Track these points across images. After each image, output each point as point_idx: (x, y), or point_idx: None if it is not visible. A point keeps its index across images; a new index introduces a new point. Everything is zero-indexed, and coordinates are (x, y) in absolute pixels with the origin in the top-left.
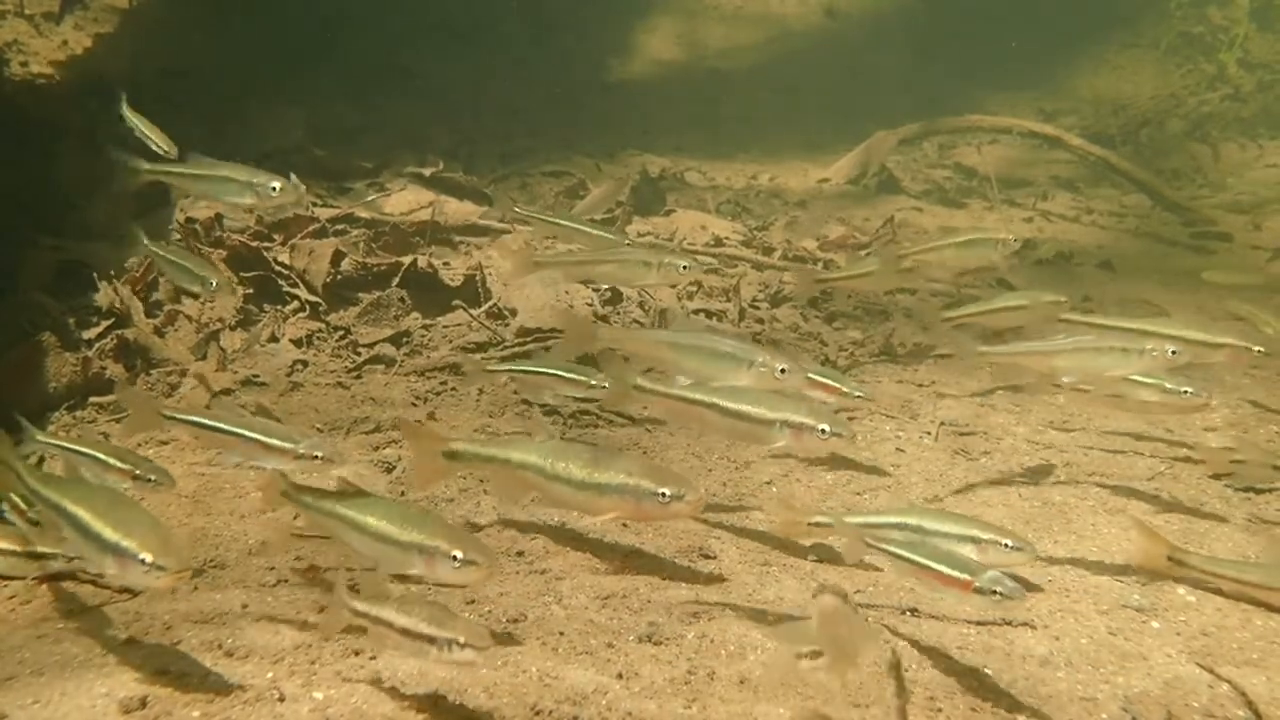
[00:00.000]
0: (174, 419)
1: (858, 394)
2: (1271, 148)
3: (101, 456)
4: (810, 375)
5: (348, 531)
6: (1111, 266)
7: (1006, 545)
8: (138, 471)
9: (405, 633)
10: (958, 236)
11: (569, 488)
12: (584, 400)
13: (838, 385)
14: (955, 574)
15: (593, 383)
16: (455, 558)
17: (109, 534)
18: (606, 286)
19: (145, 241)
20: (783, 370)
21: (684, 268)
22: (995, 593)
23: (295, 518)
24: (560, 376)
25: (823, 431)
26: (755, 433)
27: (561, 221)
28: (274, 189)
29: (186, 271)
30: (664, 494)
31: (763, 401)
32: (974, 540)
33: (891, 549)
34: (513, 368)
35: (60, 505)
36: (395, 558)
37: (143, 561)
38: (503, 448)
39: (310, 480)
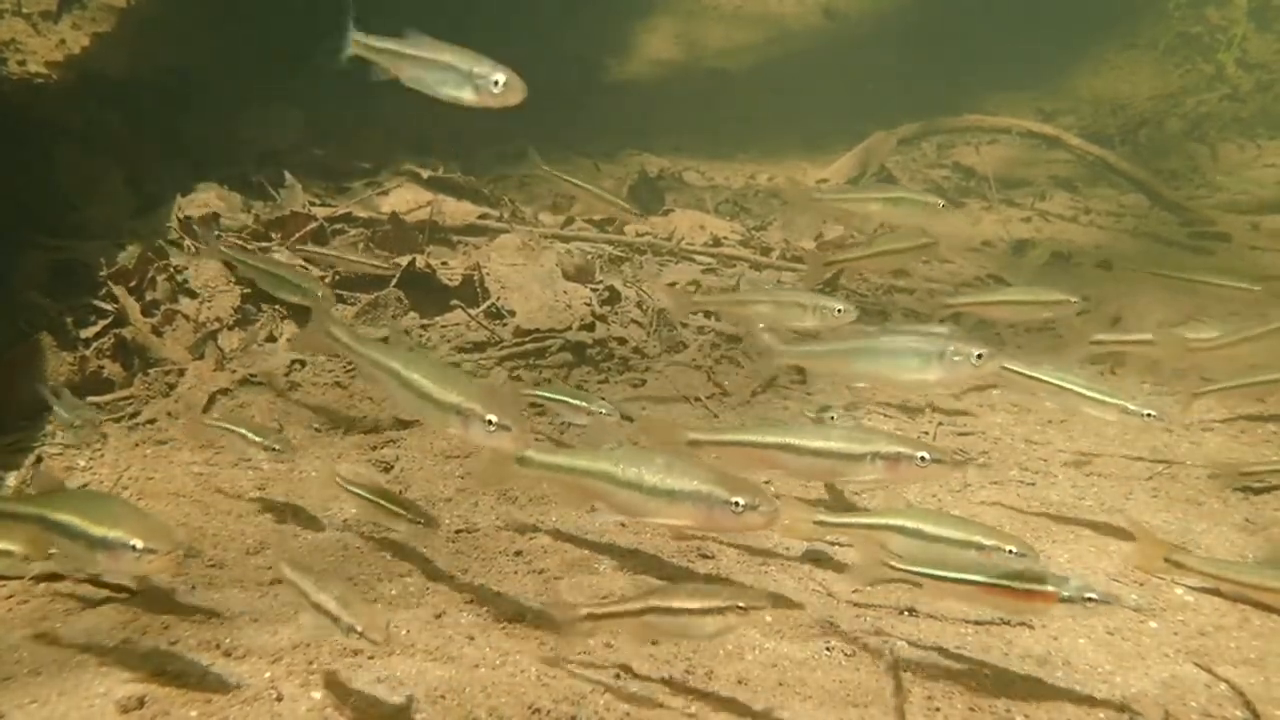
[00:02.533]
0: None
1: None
2: (1270, 148)
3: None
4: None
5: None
6: (1110, 266)
7: (1010, 553)
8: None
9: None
10: (885, 191)
11: (639, 494)
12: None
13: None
14: (1036, 587)
15: (591, 409)
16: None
17: (95, 530)
18: (605, 285)
19: (250, 260)
20: (979, 356)
21: (839, 310)
22: (1087, 599)
23: None
24: (568, 404)
25: (922, 459)
26: (842, 469)
27: (587, 186)
28: (496, 82)
29: (286, 283)
30: (738, 503)
31: (849, 436)
32: (977, 547)
33: (950, 574)
34: (535, 393)
35: (42, 516)
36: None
37: (133, 548)
38: (571, 456)
39: None
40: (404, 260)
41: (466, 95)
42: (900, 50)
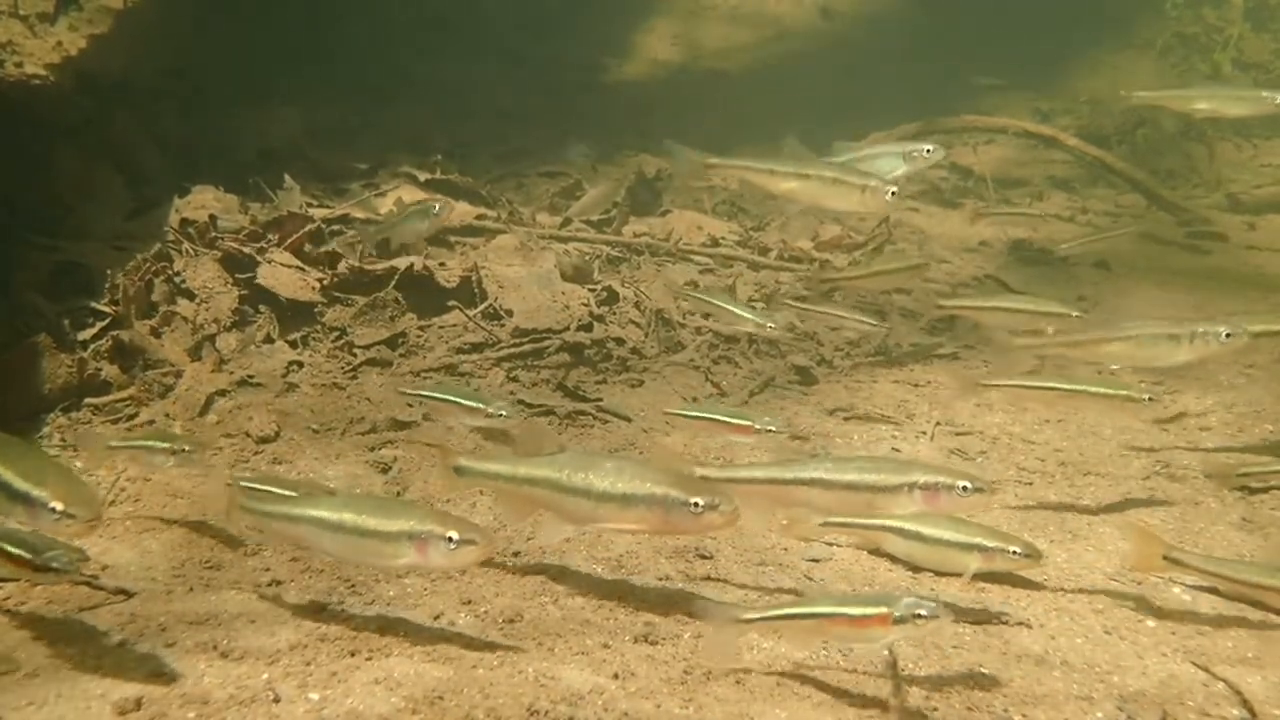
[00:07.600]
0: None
1: (770, 429)
2: (1266, 147)
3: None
4: (716, 417)
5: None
6: (1107, 266)
7: (1014, 553)
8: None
9: None
10: (800, 166)
11: (589, 501)
12: (580, 400)
13: (749, 423)
14: (868, 612)
15: (489, 411)
16: (450, 539)
17: (19, 483)
18: (602, 286)
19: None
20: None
21: (1227, 335)
22: (917, 617)
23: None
24: (459, 404)
25: (964, 489)
26: (878, 504)
27: (726, 306)
28: None
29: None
30: (696, 504)
31: (883, 467)
32: (980, 549)
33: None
34: (419, 393)
35: None
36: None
37: (52, 510)
38: (511, 463)
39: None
40: (402, 263)
41: None
42: (897, 50)
